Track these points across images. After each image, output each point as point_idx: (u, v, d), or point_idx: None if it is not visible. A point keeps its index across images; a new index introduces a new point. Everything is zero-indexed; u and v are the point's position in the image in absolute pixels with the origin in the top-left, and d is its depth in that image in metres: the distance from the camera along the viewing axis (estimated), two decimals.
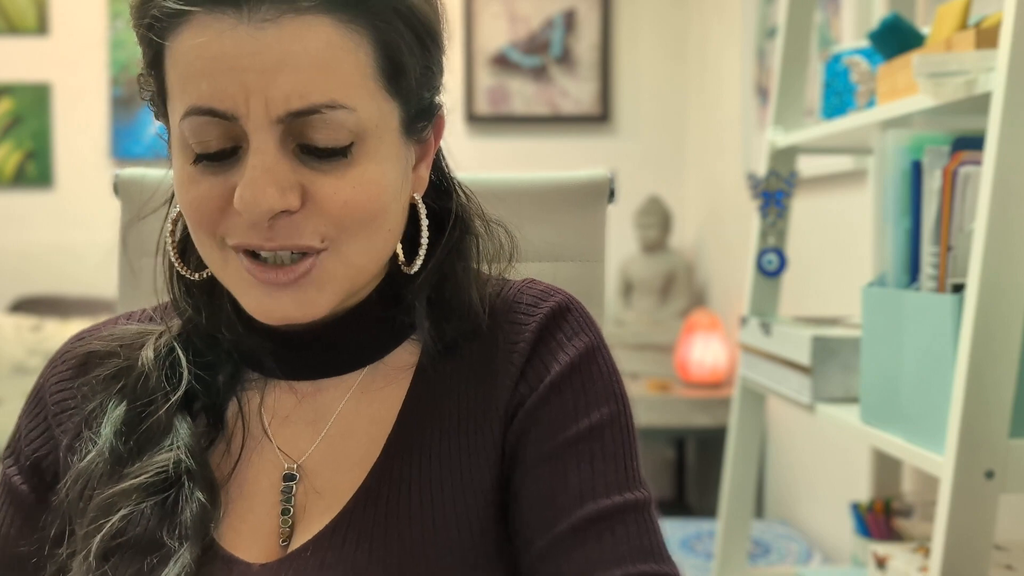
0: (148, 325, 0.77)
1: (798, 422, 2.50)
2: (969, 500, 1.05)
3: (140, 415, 0.71)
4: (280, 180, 0.62)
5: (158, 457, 0.69)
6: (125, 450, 0.69)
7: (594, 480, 0.69)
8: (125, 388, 0.71)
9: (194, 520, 0.67)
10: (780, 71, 1.76)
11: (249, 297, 0.66)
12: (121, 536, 0.66)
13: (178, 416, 0.70)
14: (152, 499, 0.67)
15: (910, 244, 1.23)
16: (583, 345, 0.72)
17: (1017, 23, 1.03)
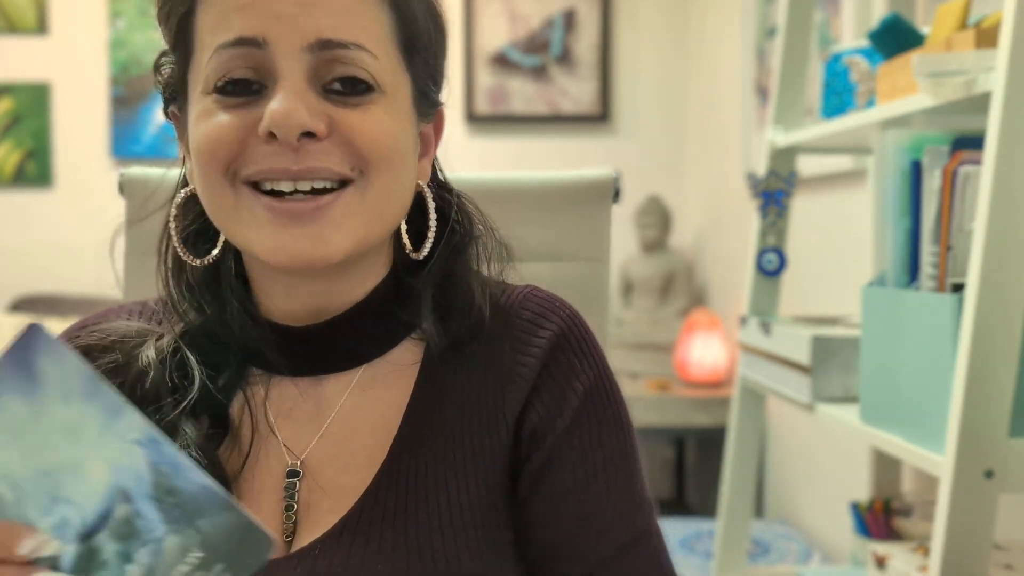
0: (146, 324, 0.76)
1: (798, 422, 2.50)
2: (969, 500, 1.05)
3: (147, 415, 0.70)
4: (309, 105, 0.64)
5: None
6: None
7: (612, 514, 0.71)
8: (124, 387, 0.71)
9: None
10: (780, 71, 1.76)
11: (263, 235, 0.65)
12: None
13: (183, 417, 0.70)
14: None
15: (910, 244, 1.23)
16: (594, 372, 0.73)
17: (1017, 23, 1.03)
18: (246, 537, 0.54)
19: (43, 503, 0.54)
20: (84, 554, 0.53)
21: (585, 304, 0.81)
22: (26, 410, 0.53)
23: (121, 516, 0.54)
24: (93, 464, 0.53)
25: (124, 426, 0.54)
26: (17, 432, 0.53)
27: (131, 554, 0.53)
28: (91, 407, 0.54)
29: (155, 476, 0.54)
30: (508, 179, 0.99)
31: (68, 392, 0.53)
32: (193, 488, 0.53)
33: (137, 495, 0.53)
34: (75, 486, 0.54)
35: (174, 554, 0.53)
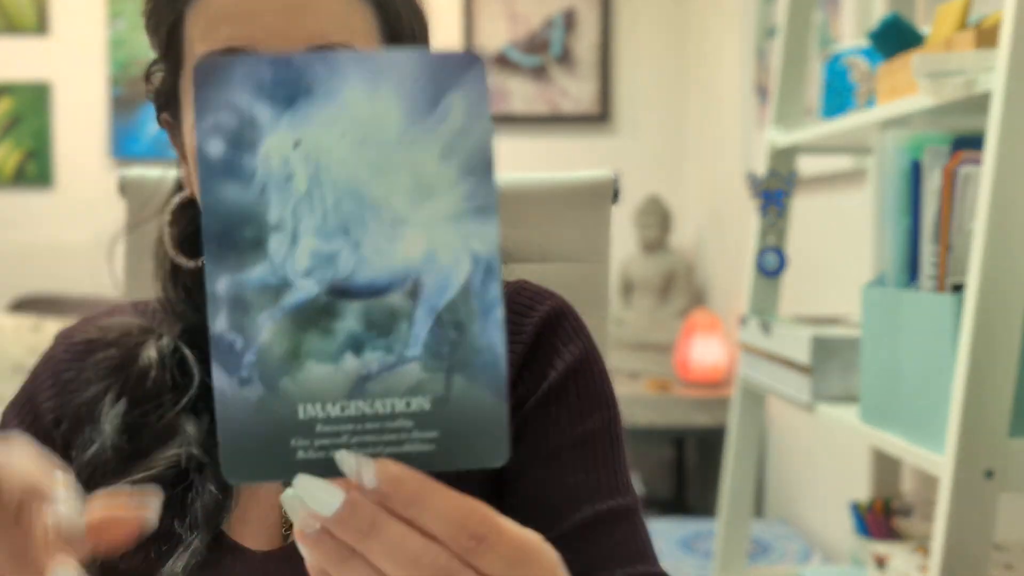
0: (148, 323, 0.76)
1: (798, 422, 2.50)
2: (969, 499, 1.05)
3: (145, 414, 0.71)
4: None
5: (168, 452, 0.69)
6: (131, 448, 0.70)
7: (589, 486, 0.71)
8: (126, 384, 0.71)
9: (205, 510, 0.67)
10: (780, 71, 1.76)
11: None
12: None
13: (185, 415, 0.70)
14: (163, 492, 0.67)
15: (910, 244, 1.23)
16: (578, 352, 0.74)
17: (1017, 23, 1.03)
18: (486, 433, 0.44)
19: (329, 224, 0.43)
20: (316, 307, 0.43)
21: (585, 305, 0.82)
22: (396, 125, 0.43)
23: (393, 304, 0.44)
24: (414, 231, 0.44)
25: (476, 228, 0.44)
26: (362, 134, 0.43)
27: (362, 347, 0.43)
28: (462, 179, 0.44)
29: (459, 298, 0.44)
30: (507, 180, 0.99)
31: (449, 143, 0.44)
32: (483, 343, 0.44)
33: (426, 299, 0.44)
34: (377, 234, 0.44)
35: (401, 387, 0.44)
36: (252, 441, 0.43)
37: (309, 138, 0.43)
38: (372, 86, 0.43)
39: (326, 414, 0.43)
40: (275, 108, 0.43)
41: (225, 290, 0.43)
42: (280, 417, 0.43)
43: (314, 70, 0.42)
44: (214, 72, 0.42)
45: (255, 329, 0.43)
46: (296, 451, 0.43)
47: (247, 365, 0.43)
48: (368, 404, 0.44)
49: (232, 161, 0.43)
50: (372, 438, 0.44)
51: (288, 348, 0.43)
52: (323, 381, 0.43)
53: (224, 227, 0.43)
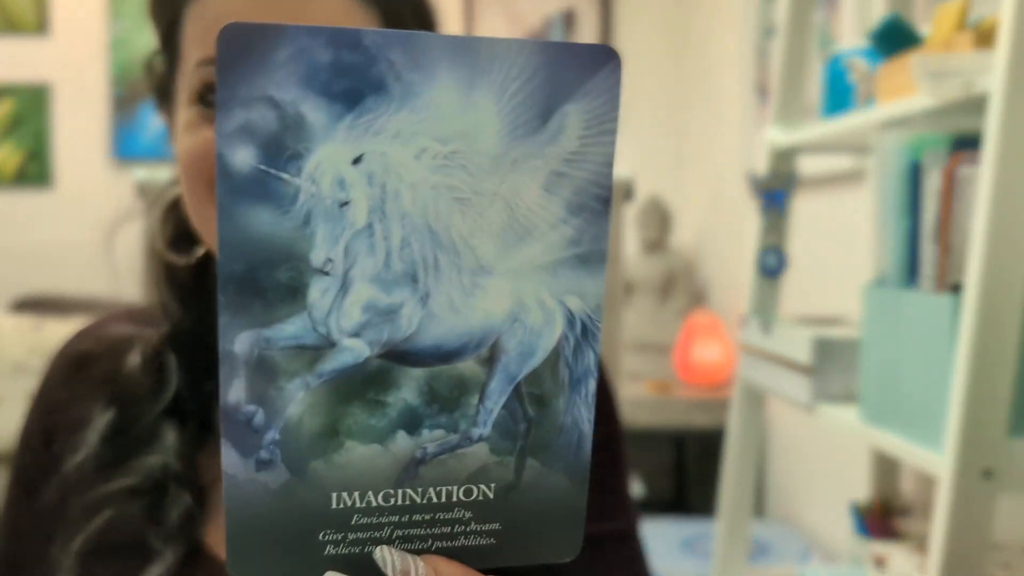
0: (141, 328, 0.75)
1: (798, 422, 2.50)
2: (967, 499, 1.05)
3: (126, 421, 0.69)
4: None
5: (144, 461, 0.67)
6: (109, 456, 0.68)
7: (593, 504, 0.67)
8: (112, 394, 0.70)
9: (181, 521, 0.66)
10: (780, 71, 1.76)
11: None
12: (104, 537, 0.66)
13: (165, 421, 0.69)
14: (137, 501, 0.66)
15: (910, 244, 1.23)
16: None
17: (1015, 24, 1.03)
18: (557, 526, 0.37)
19: (393, 269, 0.33)
20: (364, 375, 0.34)
21: None
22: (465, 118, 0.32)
23: (462, 373, 0.35)
24: (499, 282, 0.34)
25: (577, 281, 0.35)
26: (447, 152, 0.33)
27: (419, 425, 0.35)
28: (569, 217, 0.34)
29: (544, 367, 0.36)
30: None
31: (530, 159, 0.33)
32: (567, 422, 0.37)
33: (504, 366, 0.35)
34: (452, 284, 0.34)
35: (462, 473, 0.36)
36: (269, 535, 0.35)
37: (376, 152, 0.32)
38: (468, 85, 0.32)
39: (366, 504, 0.35)
40: (332, 106, 0.31)
41: (244, 350, 0.33)
42: (307, 507, 0.35)
43: (391, 56, 0.31)
44: (248, 46, 0.30)
45: (282, 400, 0.34)
46: (324, 546, 0.35)
47: (268, 444, 0.34)
48: (419, 493, 0.35)
49: (265, 177, 0.31)
50: (421, 531, 0.36)
51: (324, 424, 0.34)
52: (366, 465, 0.35)
53: (248, 266, 0.32)
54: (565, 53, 0.32)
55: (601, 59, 0.33)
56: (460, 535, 0.36)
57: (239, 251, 0.32)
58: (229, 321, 0.32)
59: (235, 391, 0.33)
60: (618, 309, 0.96)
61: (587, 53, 0.32)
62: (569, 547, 0.37)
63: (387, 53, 0.31)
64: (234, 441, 0.34)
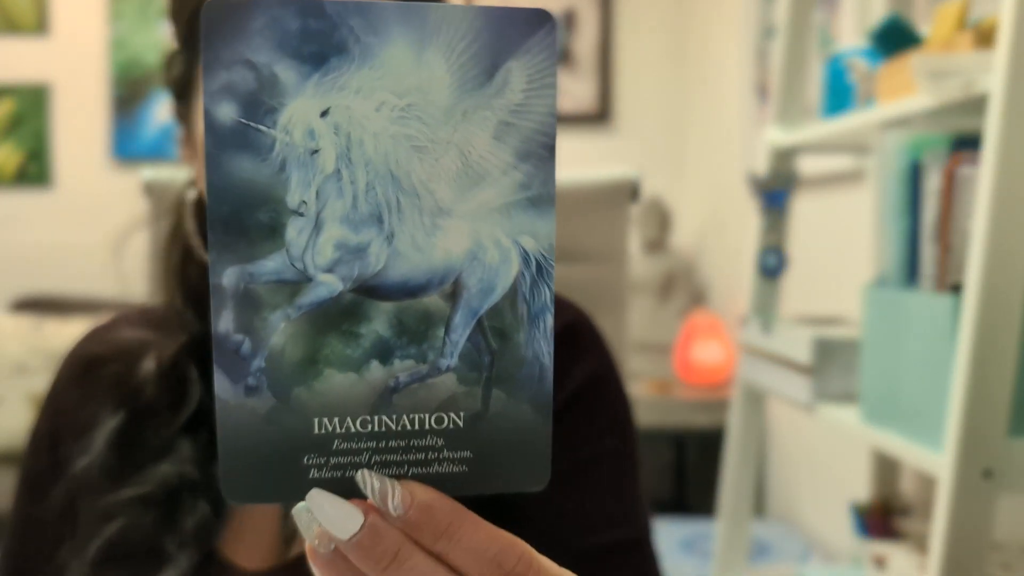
0: (152, 332, 0.74)
1: (798, 422, 2.50)
2: (967, 499, 1.05)
3: (140, 428, 0.69)
4: None
5: (160, 469, 0.67)
6: (122, 462, 0.68)
7: (593, 514, 0.66)
8: (123, 399, 0.70)
9: (196, 529, 0.65)
10: (780, 71, 1.76)
11: None
12: (118, 544, 0.65)
13: (182, 430, 0.68)
14: (152, 509, 0.66)
15: (910, 244, 1.23)
16: (590, 370, 0.70)
17: (1015, 24, 1.03)
18: (526, 454, 0.39)
19: (360, 211, 0.37)
20: (339, 307, 0.37)
21: (602, 306, 0.80)
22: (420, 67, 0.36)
23: (428, 307, 0.37)
24: (458, 223, 0.37)
25: (529, 222, 0.38)
26: (404, 105, 0.36)
27: (391, 355, 0.37)
28: (518, 163, 0.37)
29: (504, 302, 0.38)
30: None
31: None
32: (528, 355, 0.38)
33: (466, 301, 0.38)
34: (414, 225, 0.37)
35: (432, 401, 0.38)
36: (257, 458, 0.37)
37: (340, 106, 0.36)
38: (419, 45, 0.36)
39: (345, 429, 0.37)
40: (301, 67, 0.35)
41: (232, 283, 0.36)
42: (292, 432, 0.37)
43: (351, 22, 0.35)
44: (227, 18, 0.35)
45: (266, 330, 0.37)
46: (309, 470, 0.37)
47: (255, 371, 0.37)
48: (394, 420, 0.38)
49: (246, 129, 0.35)
50: (396, 457, 0.38)
51: (304, 353, 0.37)
52: (344, 392, 0.37)
53: (233, 208, 0.36)
54: (506, 16, 0.36)
55: (538, 21, 0.37)
56: (434, 462, 0.39)
57: (225, 195, 0.36)
58: (218, 258, 0.36)
59: (224, 321, 0.36)
60: (623, 309, 0.96)
61: (525, 16, 0.36)
62: (537, 477, 0.40)
63: (347, 19, 0.35)
64: (225, 368, 0.37)
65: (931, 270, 1.18)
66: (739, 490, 1.82)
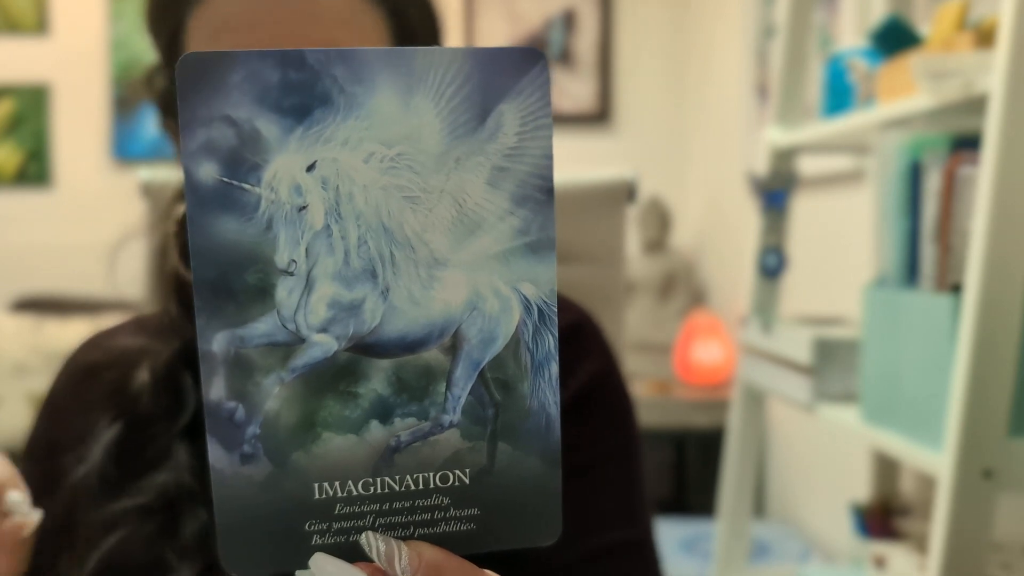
0: (151, 340, 0.73)
1: (798, 422, 2.50)
2: (967, 499, 1.05)
3: (136, 437, 0.68)
4: None
5: (158, 478, 0.66)
6: (118, 472, 0.67)
7: (595, 514, 0.66)
8: (119, 407, 0.69)
9: (196, 539, 0.64)
10: (780, 71, 1.76)
11: None
12: (118, 556, 0.65)
13: (179, 439, 0.67)
14: (152, 519, 0.65)
15: (910, 244, 1.23)
16: (593, 370, 0.69)
17: (1015, 24, 1.03)
18: (535, 508, 0.38)
19: (352, 266, 0.36)
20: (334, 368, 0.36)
21: (600, 306, 0.80)
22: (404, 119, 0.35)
23: (427, 362, 0.37)
24: (454, 274, 0.36)
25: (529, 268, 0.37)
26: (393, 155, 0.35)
27: (391, 414, 0.36)
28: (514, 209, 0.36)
29: (506, 352, 0.37)
30: None
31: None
32: (534, 405, 0.38)
33: (467, 354, 0.37)
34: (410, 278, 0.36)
35: (436, 459, 0.37)
36: (257, 528, 0.36)
37: (327, 159, 0.35)
38: (406, 92, 0.34)
39: (347, 493, 0.36)
40: (283, 120, 0.34)
41: (221, 349, 0.35)
42: (291, 498, 0.36)
43: (333, 72, 0.34)
44: (203, 73, 0.33)
45: (260, 395, 0.35)
46: (311, 536, 0.36)
47: (250, 439, 0.35)
48: (397, 480, 0.37)
49: (229, 188, 0.34)
50: (401, 519, 0.37)
51: (301, 417, 0.36)
52: (344, 455, 0.36)
53: (220, 272, 0.34)
54: (495, 57, 0.35)
55: (530, 61, 0.35)
56: (440, 521, 0.37)
57: (210, 258, 0.34)
58: (206, 323, 0.35)
59: (216, 388, 0.35)
60: (621, 309, 0.96)
61: (516, 56, 0.35)
62: (549, 531, 0.39)
63: (330, 69, 0.34)
64: (218, 437, 0.35)
65: (931, 270, 1.18)
66: (739, 490, 1.82)
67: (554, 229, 0.37)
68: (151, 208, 0.97)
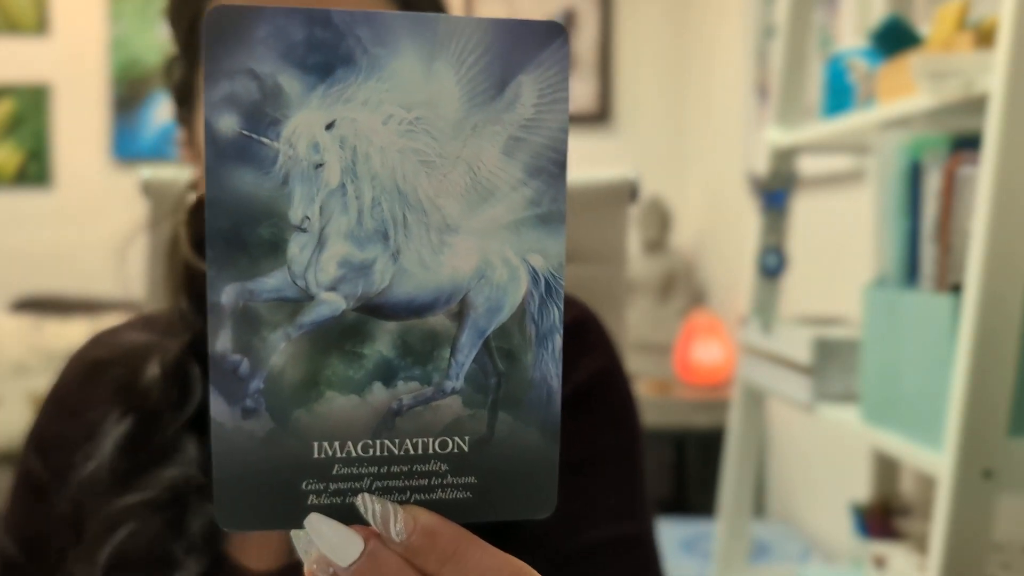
0: (158, 336, 0.73)
1: (798, 422, 2.50)
2: (967, 499, 1.05)
3: (146, 432, 0.68)
4: None
5: (166, 473, 0.66)
6: (128, 466, 0.67)
7: (596, 509, 0.66)
8: (128, 403, 0.69)
9: (204, 532, 0.65)
10: (780, 71, 1.76)
11: None
12: (127, 550, 0.65)
13: (187, 433, 0.67)
14: (160, 514, 0.65)
15: (910, 244, 1.23)
16: (596, 366, 0.69)
17: (1015, 24, 1.03)
18: (532, 480, 0.38)
19: (365, 227, 0.35)
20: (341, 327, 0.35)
21: (601, 306, 0.80)
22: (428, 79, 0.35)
23: (434, 327, 0.36)
24: (465, 240, 0.36)
25: (539, 239, 0.37)
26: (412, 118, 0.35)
27: (394, 377, 0.36)
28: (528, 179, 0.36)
29: (512, 322, 0.37)
30: None
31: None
32: (536, 376, 0.37)
33: (473, 321, 0.37)
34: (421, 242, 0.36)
35: (437, 424, 0.37)
36: (254, 483, 0.36)
37: (346, 119, 0.34)
38: (428, 58, 0.35)
39: (346, 454, 0.36)
40: (306, 78, 0.34)
41: (230, 301, 0.35)
42: (290, 456, 0.36)
43: (358, 33, 0.34)
44: (230, 26, 0.33)
45: (265, 350, 0.35)
46: (307, 495, 0.36)
47: (253, 393, 0.35)
48: (396, 444, 0.37)
49: (248, 141, 0.34)
50: (399, 483, 0.37)
51: (305, 374, 0.36)
52: (345, 415, 0.36)
53: (233, 223, 0.34)
54: (517, 29, 0.35)
55: (550, 34, 0.36)
56: (437, 487, 0.37)
57: (225, 209, 0.34)
58: (216, 274, 0.35)
59: (222, 341, 0.35)
60: (622, 309, 0.96)
61: (537, 29, 0.36)
62: (543, 503, 0.39)
63: (355, 29, 0.34)
64: (222, 389, 0.35)
65: (931, 270, 1.18)
66: (739, 490, 1.82)
67: (565, 203, 0.37)
68: (152, 208, 0.97)
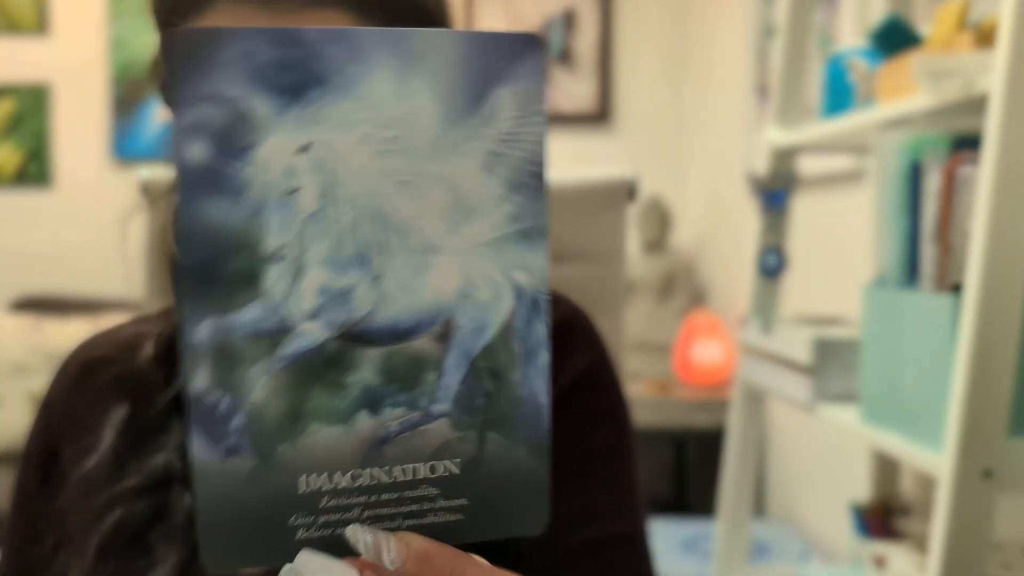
0: (151, 327, 0.73)
1: (798, 422, 2.50)
2: (967, 499, 1.05)
3: (139, 416, 0.68)
4: None
5: (152, 459, 0.66)
6: (124, 453, 0.67)
7: (587, 508, 0.66)
8: (126, 390, 0.69)
9: (185, 522, 0.64)
10: (780, 71, 1.76)
11: None
12: (112, 538, 0.65)
13: (175, 415, 0.67)
14: (143, 501, 0.65)
15: (910, 244, 1.23)
16: (585, 364, 0.69)
17: (1015, 24, 1.03)
18: (523, 498, 0.38)
19: (344, 252, 0.34)
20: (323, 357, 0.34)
21: (600, 306, 0.79)
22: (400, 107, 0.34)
23: (418, 350, 0.35)
24: (447, 261, 0.35)
25: (521, 256, 0.36)
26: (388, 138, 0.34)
27: (380, 404, 0.35)
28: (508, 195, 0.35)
29: (498, 341, 0.36)
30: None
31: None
32: (524, 394, 0.37)
33: (458, 343, 0.36)
34: (402, 264, 0.34)
35: (426, 449, 0.36)
36: (240, 522, 0.34)
37: (321, 141, 0.33)
38: (402, 74, 0.33)
39: (333, 485, 0.35)
40: (277, 100, 0.32)
41: (206, 338, 0.33)
42: (276, 492, 0.35)
43: (329, 52, 0.33)
44: (195, 50, 0.32)
45: (245, 386, 0.34)
46: (296, 530, 0.35)
47: (234, 431, 0.34)
48: (385, 472, 0.36)
49: (219, 169, 0.32)
50: (389, 510, 0.36)
51: (287, 408, 0.34)
52: (331, 446, 0.35)
53: (206, 256, 0.33)
54: (493, 41, 0.34)
55: (527, 46, 0.35)
56: (428, 512, 0.37)
57: (198, 242, 0.33)
58: (191, 310, 0.33)
59: (200, 379, 0.34)
60: (621, 309, 0.96)
61: (514, 41, 0.34)
62: (536, 520, 0.38)
63: (326, 48, 0.33)
64: (202, 429, 0.34)
65: (931, 270, 1.18)
66: (739, 490, 1.82)
67: (547, 217, 0.36)
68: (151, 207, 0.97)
